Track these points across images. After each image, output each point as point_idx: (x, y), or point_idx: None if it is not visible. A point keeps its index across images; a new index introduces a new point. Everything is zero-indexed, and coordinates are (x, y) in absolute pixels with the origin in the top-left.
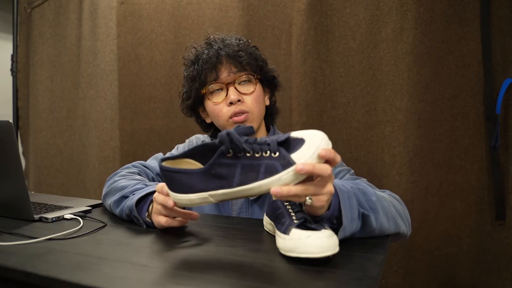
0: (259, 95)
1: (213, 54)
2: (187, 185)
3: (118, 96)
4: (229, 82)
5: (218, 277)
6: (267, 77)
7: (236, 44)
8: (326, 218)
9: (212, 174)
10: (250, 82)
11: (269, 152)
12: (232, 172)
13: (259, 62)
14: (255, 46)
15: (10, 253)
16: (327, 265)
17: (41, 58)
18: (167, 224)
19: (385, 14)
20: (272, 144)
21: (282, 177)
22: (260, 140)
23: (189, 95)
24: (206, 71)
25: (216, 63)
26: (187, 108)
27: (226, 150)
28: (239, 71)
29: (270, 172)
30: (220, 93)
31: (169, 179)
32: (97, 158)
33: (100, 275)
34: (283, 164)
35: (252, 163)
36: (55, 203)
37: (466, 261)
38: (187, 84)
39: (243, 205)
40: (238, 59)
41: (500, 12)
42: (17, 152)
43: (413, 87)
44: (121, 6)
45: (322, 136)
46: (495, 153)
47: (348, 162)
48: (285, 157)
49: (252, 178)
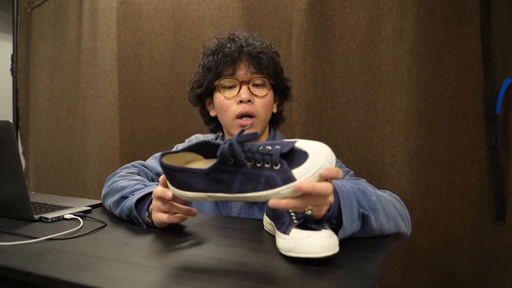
0: (269, 100)
1: (235, 49)
2: (187, 183)
3: (118, 96)
4: (244, 81)
5: (218, 277)
6: (280, 86)
7: (259, 46)
8: (326, 218)
9: (212, 178)
10: (264, 86)
11: (271, 163)
12: (232, 179)
13: (277, 68)
14: (276, 52)
15: (10, 253)
16: (327, 265)
17: (41, 58)
18: (168, 220)
19: (385, 14)
20: (274, 156)
21: (281, 192)
22: (263, 149)
23: (201, 84)
24: (224, 64)
25: (236, 59)
26: (195, 97)
27: (226, 159)
28: (257, 73)
29: (270, 185)
30: (232, 90)
31: (170, 175)
32: (97, 158)
33: (100, 275)
34: (283, 179)
35: (252, 173)
36: (55, 203)
37: (466, 261)
38: (202, 72)
39: (243, 206)
40: (258, 60)
41: (500, 12)
42: (17, 152)
43: (413, 87)
44: (121, 6)
45: (327, 154)
46: (495, 153)
47: (348, 162)
48: (286, 172)
49: (251, 187)
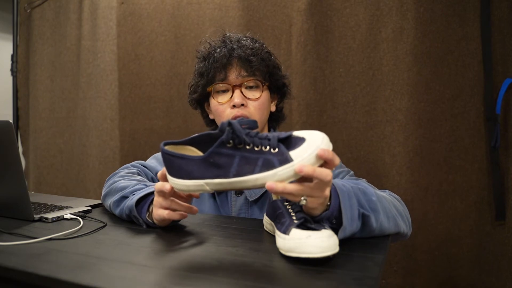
0: (264, 102)
1: (224, 54)
2: (185, 171)
3: (118, 96)
4: (236, 85)
5: (218, 277)
6: (276, 84)
7: (250, 47)
8: (326, 218)
9: (211, 162)
10: (257, 88)
11: (269, 147)
12: (230, 163)
13: (270, 68)
14: (269, 52)
15: (10, 253)
16: (327, 265)
17: (41, 58)
18: (168, 216)
19: (385, 14)
20: (272, 140)
21: (278, 173)
22: (262, 134)
23: (196, 90)
24: (215, 69)
25: (226, 64)
26: (193, 101)
27: (226, 139)
28: (248, 76)
29: (267, 167)
30: (225, 94)
31: (169, 162)
32: (97, 158)
33: (100, 275)
34: (281, 160)
35: (250, 156)
36: (55, 203)
37: (466, 261)
38: (196, 78)
39: (243, 206)
40: (249, 63)
41: (500, 12)
42: (17, 152)
43: (413, 87)
44: (121, 6)
45: (323, 137)
46: (495, 153)
47: (348, 162)
48: (283, 153)
49: (249, 170)
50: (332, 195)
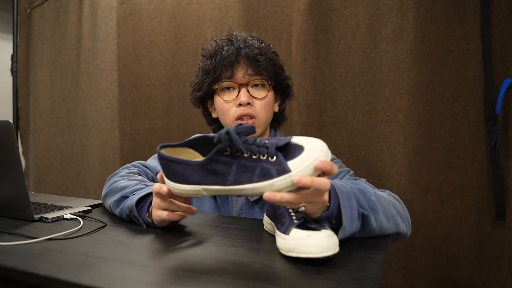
0: (270, 101)
1: (232, 52)
2: (183, 175)
3: (118, 96)
4: (242, 83)
5: (218, 277)
6: (281, 85)
7: (257, 47)
8: (325, 218)
9: (208, 169)
10: (264, 87)
11: (267, 155)
12: (227, 170)
13: (276, 68)
14: (275, 52)
15: (10, 253)
16: (327, 265)
17: (41, 58)
18: (167, 217)
19: (385, 14)
20: (270, 148)
21: (276, 183)
22: (260, 141)
23: (200, 88)
24: (222, 67)
25: (233, 62)
26: (196, 99)
27: (223, 148)
28: (255, 74)
29: (265, 176)
30: (231, 92)
31: (167, 167)
32: (97, 158)
33: (100, 275)
34: (279, 170)
35: (248, 164)
36: (55, 203)
37: (466, 261)
38: (201, 76)
39: (244, 206)
40: (256, 62)
41: (500, 12)
42: (17, 152)
43: (413, 87)
44: (121, 6)
45: (322, 146)
46: (495, 153)
47: (348, 162)
48: (281, 163)
49: (246, 179)
50: (331, 195)
